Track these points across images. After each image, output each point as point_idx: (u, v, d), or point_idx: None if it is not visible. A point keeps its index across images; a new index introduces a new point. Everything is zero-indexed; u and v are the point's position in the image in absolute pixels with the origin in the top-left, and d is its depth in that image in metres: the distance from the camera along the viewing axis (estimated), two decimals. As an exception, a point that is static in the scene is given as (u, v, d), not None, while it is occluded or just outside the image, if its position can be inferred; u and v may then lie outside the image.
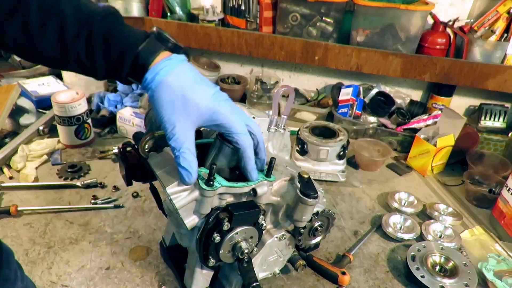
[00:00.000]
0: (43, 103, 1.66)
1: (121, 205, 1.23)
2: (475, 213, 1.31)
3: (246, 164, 0.71)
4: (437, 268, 1.02)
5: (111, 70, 0.62)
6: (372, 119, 1.71)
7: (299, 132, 1.43)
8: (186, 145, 0.63)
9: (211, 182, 0.69)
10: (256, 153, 0.73)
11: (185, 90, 0.62)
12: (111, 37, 0.59)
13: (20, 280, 0.72)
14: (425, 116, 1.65)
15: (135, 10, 1.81)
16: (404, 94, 1.81)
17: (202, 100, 0.63)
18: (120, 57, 0.60)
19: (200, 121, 0.64)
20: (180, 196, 0.70)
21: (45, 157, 1.43)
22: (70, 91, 1.51)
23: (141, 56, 0.61)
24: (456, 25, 1.64)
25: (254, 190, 0.76)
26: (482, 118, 1.66)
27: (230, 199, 0.77)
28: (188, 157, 0.64)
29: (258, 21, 1.78)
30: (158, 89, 0.61)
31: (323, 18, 1.71)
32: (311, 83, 2.00)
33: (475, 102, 1.78)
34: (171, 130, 0.62)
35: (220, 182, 0.71)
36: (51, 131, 1.56)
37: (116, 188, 1.30)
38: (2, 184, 1.27)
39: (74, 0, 0.59)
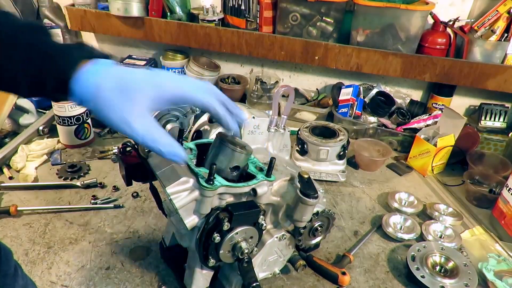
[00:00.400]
0: (43, 103, 1.66)
1: (121, 205, 1.23)
2: (475, 213, 1.31)
3: (218, 118, 0.67)
4: (437, 268, 1.02)
5: (35, 85, 0.57)
6: (372, 119, 1.71)
7: (299, 132, 1.43)
8: (153, 133, 0.58)
9: (211, 182, 0.69)
10: (229, 111, 0.69)
11: (124, 84, 0.57)
12: (32, 50, 0.55)
13: (20, 278, 0.72)
14: (425, 116, 1.65)
15: (135, 10, 1.81)
16: (404, 94, 1.81)
17: (143, 82, 0.59)
18: (42, 70, 0.56)
19: (152, 105, 0.59)
20: (180, 196, 0.70)
21: (45, 157, 1.43)
22: (70, 91, 1.51)
23: (65, 67, 0.56)
24: (456, 25, 1.63)
25: (254, 190, 0.76)
26: (482, 118, 1.66)
27: (230, 199, 0.77)
28: (164, 141, 0.59)
29: (258, 21, 1.78)
30: (95, 97, 0.56)
31: (323, 18, 1.71)
32: (311, 83, 2.00)
33: (475, 102, 1.78)
34: (128, 128, 0.57)
35: (220, 182, 0.71)
36: (51, 131, 1.56)
37: (116, 188, 1.30)
38: (2, 184, 1.27)
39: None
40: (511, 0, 1.50)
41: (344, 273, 1.00)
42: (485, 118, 1.66)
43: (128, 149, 0.87)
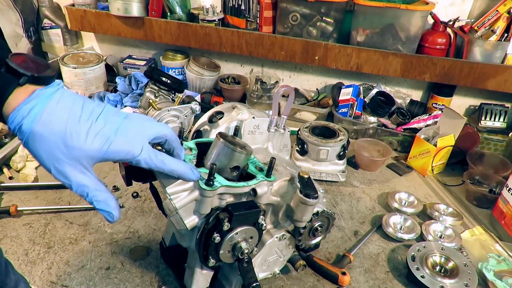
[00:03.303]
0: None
1: (121, 205, 1.23)
2: (475, 213, 1.31)
3: (176, 175, 0.64)
4: (437, 268, 1.02)
5: None
6: (372, 119, 1.71)
7: (299, 132, 1.43)
8: (91, 187, 0.54)
9: (211, 182, 0.69)
10: (172, 149, 0.66)
11: (63, 137, 0.50)
12: None
13: (11, 273, 0.72)
14: (425, 116, 1.65)
15: (135, 10, 1.81)
16: (404, 94, 1.81)
17: (85, 144, 0.51)
18: None
19: (94, 161, 0.54)
20: (180, 196, 0.70)
21: (45, 157, 1.43)
22: (70, 91, 1.51)
23: None
24: (456, 25, 1.63)
25: (254, 190, 0.76)
26: (482, 118, 1.66)
27: (230, 199, 0.77)
28: (101, 198, 0.55)
29: (258, 21, 1.78)
30: (30, 142, 0.50)
31: (323, 18, 1.71)
32: (311, 83, 2.00)
33: (475, 102, 1.78)
34: (64, 180, 0.53)
35: (220, 182, 0.71)
36: (51, 131, 1.56)
37: (116, 188, 1.30)
38: (2, 184, 1.27)
39: None
40: (511, 0, 1.50)
41: (344, 273, 1.00)
42: (485, 118, 1.66)
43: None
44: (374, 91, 1.76)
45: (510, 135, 1.60)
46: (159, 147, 0.65)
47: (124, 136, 0.55)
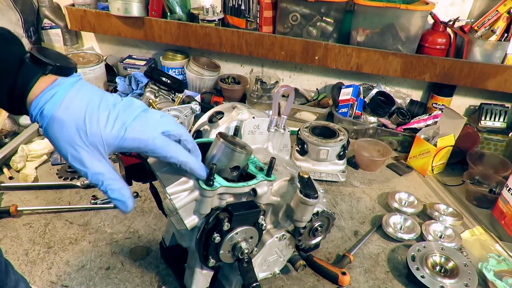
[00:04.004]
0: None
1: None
2: (475, 213, 1.31)
3: (188, 167, 0.65)
4: (437, 268, 1.02)
5: None
6: (372, 119, 1.71)
7: (299, 132, 1.43)
8: (107, 176, 0.55)
9: (211, 182, 0.69)
10: (188, 150, 0.66)
11: (82, 122, 0.52)
12: None
13: (11, 273, 0.72)
14: (425, 116, 1.65)
15: (135, 10, 1.81)
16: (404, 94, 1.81)
17: (104, 130, 0.53)
18: None
19: (110, 149, 0.56)
20: (180, 196, 0.70)
21: (45, 157, 1.43)
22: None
23: (17, 87, 0.51)
24: (456, 25, 1.63)
25: (254, 190, 0.76)
26: (482, 118, 1.66)
27: (230, 199, 0.77)
28: (115, 186, 0.56)
29: (258, 21, 1.78)
30: (49, 127, 0.52)
31: (323, 18, 1.71)
32: (311, 83, 2.00)
33: (475, 102, 1.78)
34: (80, 167, 0.54)
35: (220, 182, 0.71)
36: (51, 131, 1.56)
37: (116, 188, 1.30)
38: (2, 184, 1.27)
39: None
40: (511, 0, 1.50)
41: (344, 273, 1.00)
42: (485, 118, 1.66)
43: (128, 149, 0.86)
44: (374, 91, 1.76)
45: (510, 135, 1.60)
46: None
47: (141, 124, 0.57)
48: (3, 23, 1.75)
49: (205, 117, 1.09)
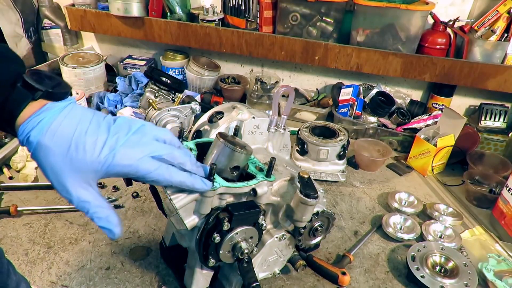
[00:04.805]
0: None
1: (121, 205, 1.23)
2: (475, 213, 1.31)
3: (185, 186, 0.64)
4: (437, 268, 1.02)
5: None
6: (372, 119, 1.71)
7: (299, 132, 1.43)
8: (93, 204, 0.54)
9: (211, 183, 0.69)
10: (184, 170, 0.64)
11: (67, 149, 0.51)
12: None
13: (13, 274, 0.73)
14: (425, 116, 1.65)
15: (135, 10, 1.81)
16: (404, 94, 1.81)
17: (92, 156, 0.52)
18: None
19: (98, 176, 0.54)
20: (180, 196, 0.70)
21: (45, 157, 1.43)
22: (70, 91, 1.51)
23: (6, 110, 0.50)
24: (456, 25, 1.63)
25: (254, 190, 0.76)
26: (482, 118, 1.66)
27: (230, 199, 0.77)
28: (102, 214, 0.54)
29: (258, 21, 1.78)
30: (37, 153, 0.51)
31: (323, 18, 1.71)
32: (311, 83, 2.00)
33: (475, 102, 1.78)
34: (65, 195, 0.53)
35: (220, 182, 0.71)
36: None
37: (116, 188, 1.30)
38: (2, 184, 1.27)
39: None
40: (511, 0, 1.50)
41: (344, 273, 1.00)
42: (485, 118, 1.66)
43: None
44: (374, 91, 1.76)
45: (510, 135, 1.60)
46: None
47: (130, 149, 0.55)
48: (3, 23, 1.75)
49: (205, 117, 1.09)
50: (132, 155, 0.55)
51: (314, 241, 0.94)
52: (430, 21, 1.67)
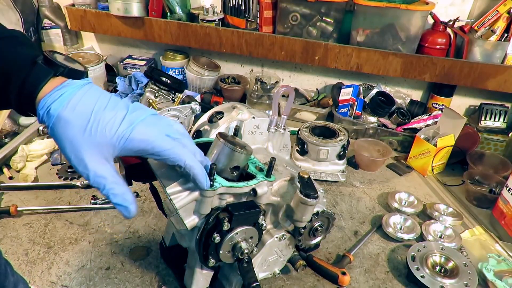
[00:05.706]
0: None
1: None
2: (475, 213, 1.31)
3: (192, 172, 0.64)
4: (437, 268, 1.02)
5: None
6: (372, 119, 1.71)
7: (299, 132, 1.43)
8: (109, 180, 0.54)
9: (211, 183, 0.69)
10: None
11: (86, 122, 0.52)
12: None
13: (10, 275, 0.72)
14: (425, 116, 1.65)
15: (135, 10, 1.81)
16: (404, 94, 1.81)
17: (110, 130, 0.53)
18: (7, 81, 0.52)
19: (115, 151, 0.55)
20: (180, 196, 0.70)
21: (45, 157, 1.43)
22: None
23: (27, 86, 0.52)
24: (456, 25, 1.63)
25: (254, 190, 0.76)
26: (482, 118, 1.66)
27: (230, 199, 0.77)
28: (118, 191, 0.55)
29: (258, 21, 1.78)
30: (55, 126, 0.52)
31: (323, 18, 1.71)
32: (311, 83, 2.00)
33: (475, 102, 1.78)
34: (82, 170, 0.53)
35: (220, 182, 0.71)
36: (51, 131, 1.56)
37: (116, 188, 1.30)
38: (2, 184, 1.27)
39: None
40: (511, 0, 1.50)
41: (344, 273, 1.00)
42: (485, 118, 1.66)
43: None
44: (374, 91, 1.76)
45: (510, 135, 1.60)
46: None
47: (149, 125, 0.56)
48: (3, 23, 1.75)
49: (205, 117, 1.09)
50: (150, 132, 0.56)
51: (314, 241, 0.94)
52: (430, 21, 1.67)
